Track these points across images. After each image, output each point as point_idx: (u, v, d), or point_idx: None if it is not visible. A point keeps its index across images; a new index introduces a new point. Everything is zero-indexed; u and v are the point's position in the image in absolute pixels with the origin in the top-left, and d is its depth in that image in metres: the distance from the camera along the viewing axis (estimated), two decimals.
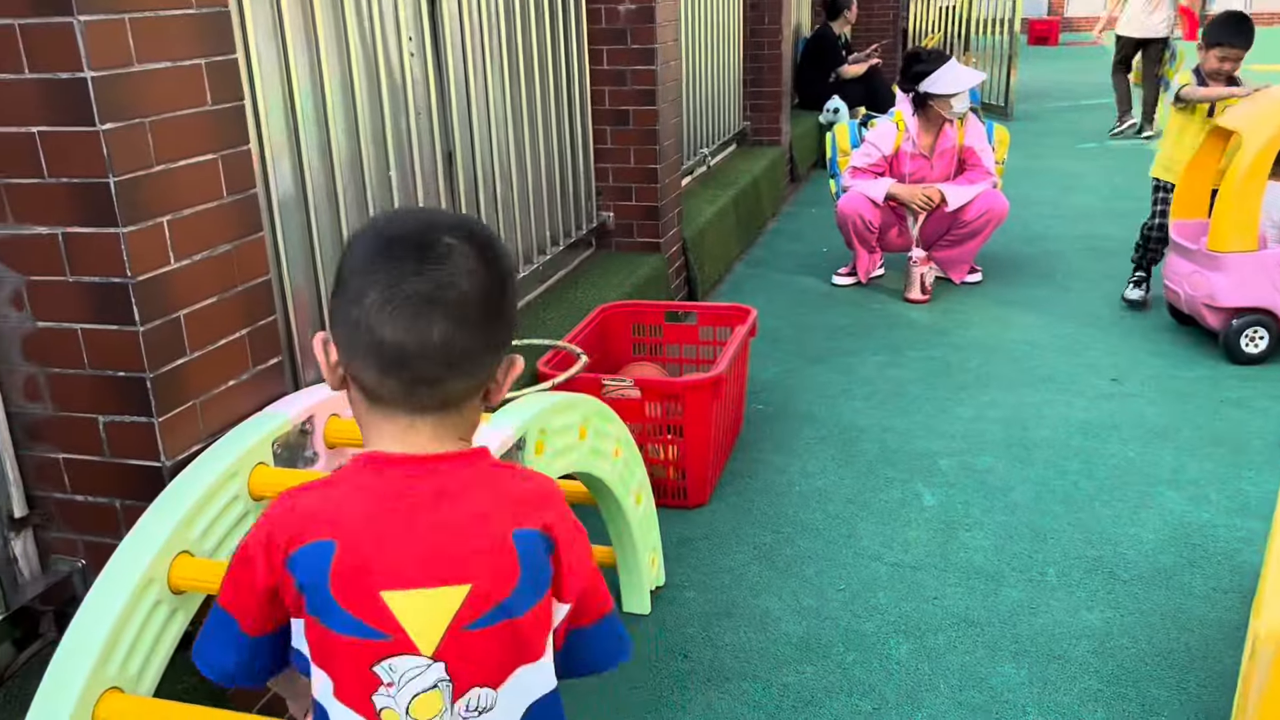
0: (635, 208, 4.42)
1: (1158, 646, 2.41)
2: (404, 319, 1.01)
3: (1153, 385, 3.84)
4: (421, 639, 1.04)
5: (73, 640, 1.53)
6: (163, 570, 1.62)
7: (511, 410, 1.94)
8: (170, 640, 1.65)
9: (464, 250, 1.04)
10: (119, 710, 1.52)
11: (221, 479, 1.71)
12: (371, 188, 2.75)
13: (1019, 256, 5.51)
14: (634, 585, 2.59)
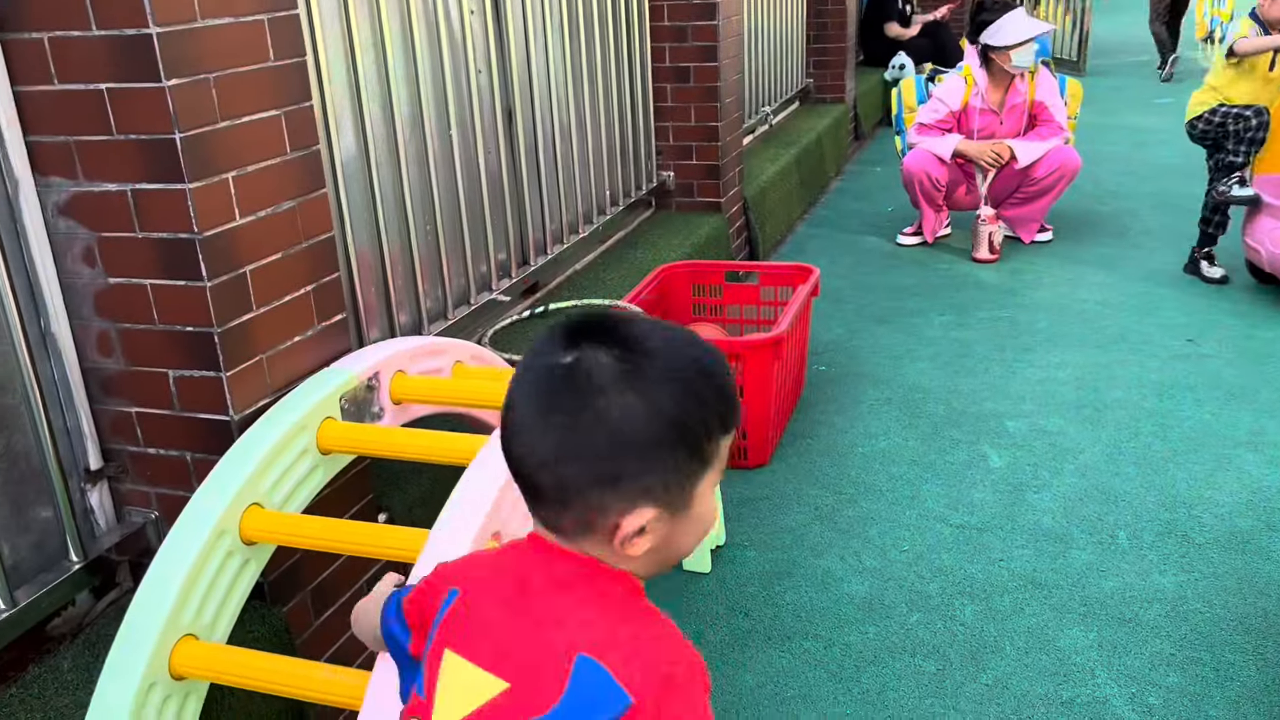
0: (696, 167, 4.37)
1: (1233, 611, 2.34)
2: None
3: (1230, 345, 3.72)
4: (441, 713, 0.96)
5: (149, 589, 1.57)
6: (234, 522, 1.65)
7: None
8: (242, 590, 1.69)
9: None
10: (193, 656, 1.57)
11: (291, 433, 1.74)
12: (433, 146, 2.75)
13: (1091, 214, 5.36)
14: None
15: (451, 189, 2.87)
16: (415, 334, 2.72)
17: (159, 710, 1.54)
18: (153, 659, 1.52)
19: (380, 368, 1.94)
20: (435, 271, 2.82)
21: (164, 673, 1.54)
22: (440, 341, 2.14)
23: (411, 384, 1.99)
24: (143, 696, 1.51)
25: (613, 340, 0.92)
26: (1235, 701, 2.09)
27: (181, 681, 1.57)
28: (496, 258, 3.14)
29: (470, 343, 2.26)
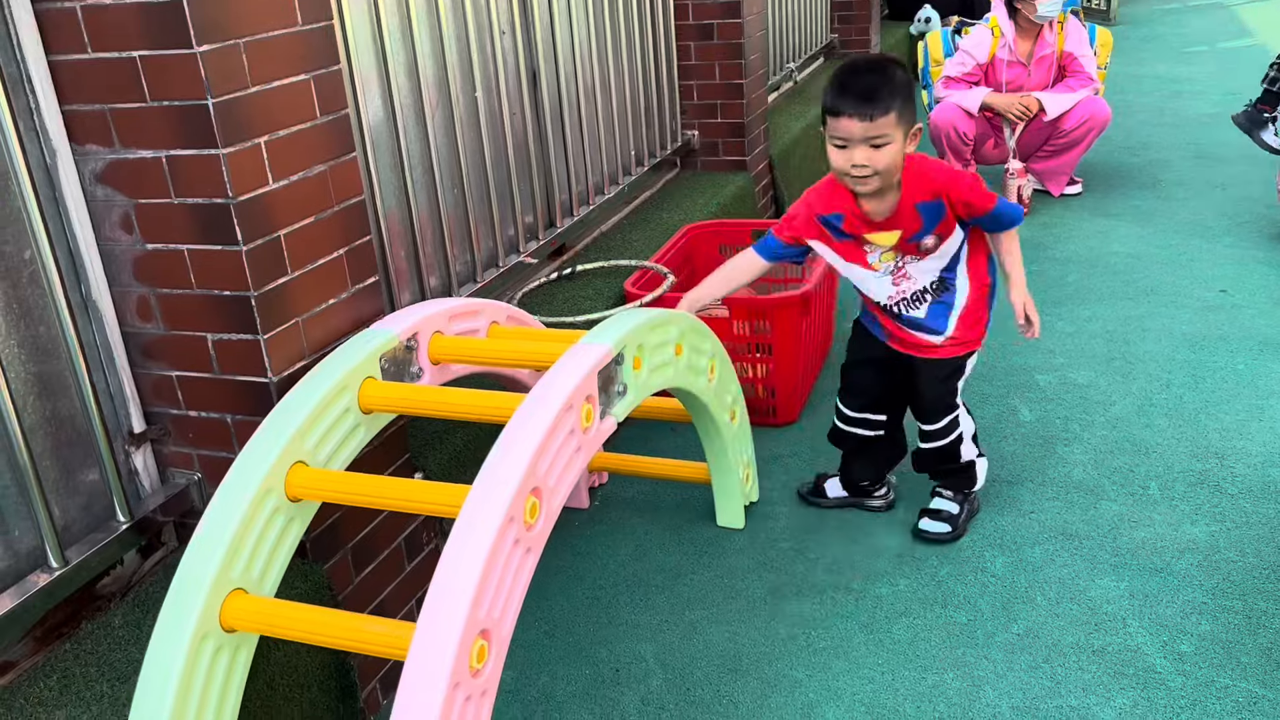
0: (720, 125, 4.35)
1: (1266, 560, 2.34)
2: None
3: (1264, 295, 3.68)
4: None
5: (198, 545, 1.62)
6: (279, 480, 1.69)
7: (609, 325, 1.96)
8: (289, 545, 1.73)
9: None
10: (243, 609, 1.61)
11: (333, 393, 1.78)
12: (458, 109, 2.76)
13: (1122, 166, 5.29)
14: (728, 500, 2.61)
15: (478, 152, 2.88)
16: (446, 296, 2.75)
17: (211, 661, 1.59)
18: (204, 612, 1.57)
19: (419, 328, 1.98)
20: (464, 234, 2.84)
21: (215, 625, 1.59)
22: (476, 302, 2.17)
23: (449, 344, 2.02)
24: (196, 647, 1.56)
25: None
26: (1267, 649, 2.09)
27: (232, 634, 1.62)
28: (524, 220, 3.15)
29: (505, 304, 2.29)
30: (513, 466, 1.58)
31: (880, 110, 2.09)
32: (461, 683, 1.44)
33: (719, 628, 2.30)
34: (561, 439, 1.70)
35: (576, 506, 2.79)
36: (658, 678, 2.16)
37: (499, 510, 1.53)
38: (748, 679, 2.14)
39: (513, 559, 1.56)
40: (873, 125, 2.10)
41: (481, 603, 1.48)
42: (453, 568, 1.49)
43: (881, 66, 2.14)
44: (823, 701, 2.07)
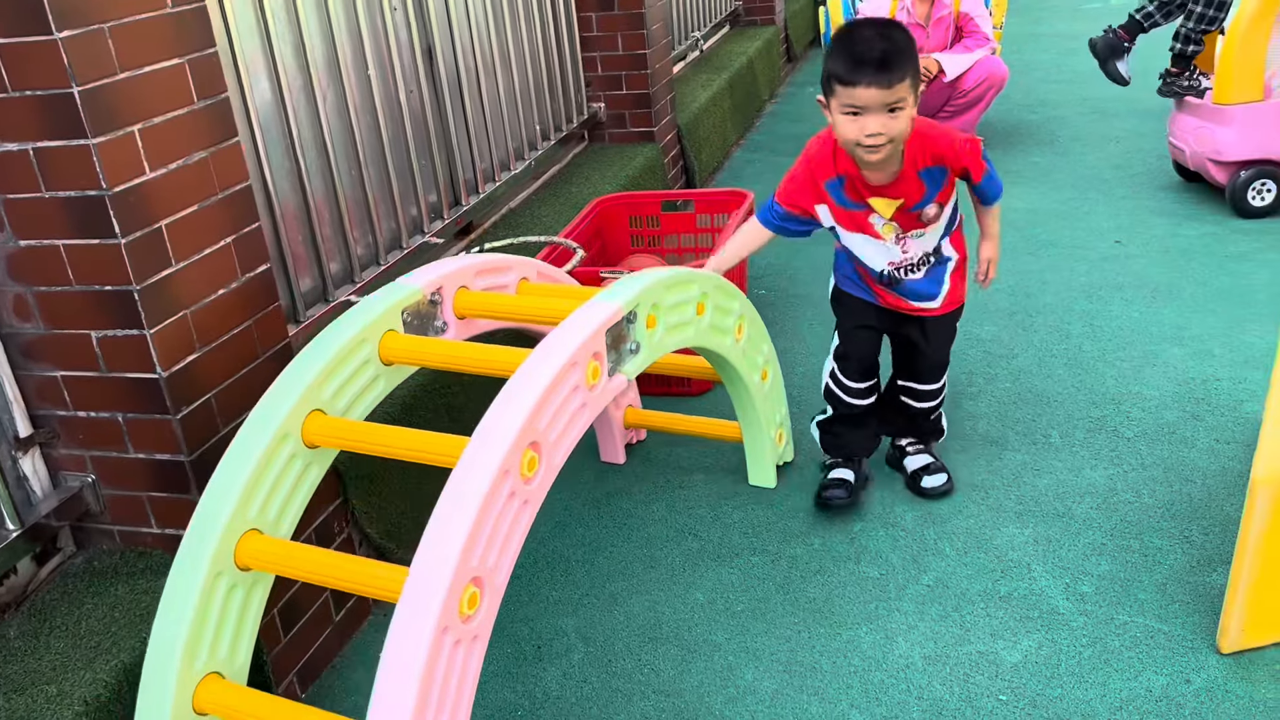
0: (626, 97, 4.34)
1: (1160, 499, 2.43)
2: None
3: (1156, 244, 3.80)
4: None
5: (216, 486, 1.67)
6: (296, 425, 1.74)
7: (623, 283, 1.96)
8: (305, 491, 1.79)
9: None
10: (258, 549, 1.68)
11: (352, 344, 1.83)
12: (351, 89, 2.70)
13: (1021, 123, 5.40)
14: (759, 459, 2.63)
15: (374, 132, 2.83)
16: (347, 282, 2.70)
17: (226, 597, 1.67)
18: (219, 549, 1.64)
19: (444, 282, 2.03)
20: (364, 217, 2.79)
21: (230, 563, 1.66)
22: (505, 259, 2.22)
23: (475, 299, 2.08)
24: (211, 583, 1.64)
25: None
26: (1162, 584, 2.18)
27: (247, 572, 1.70)
28: (427, 200, 3.11)
29: (536, 260, 2.33)
30: (511, 420, 1.61)
31: (898, 76, 2.03)
32: (450, 627, 1.48)
33: (639, 598, 2.31)
34: (564, 395, 1.72)
35: (612, 462, 2.81)
36: (579, 652, 2.17)
37: (494, 461, 1.55)
38: (668, 646, 2.17)
39: (508, 510, 1.59)
40: (891, 92, 2.04)
41: (474, 550, 1.51)
42: (446, 515, 1.52)
43: (889, 30, 2.08)
44: (741, 663, 2.10)
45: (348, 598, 2.24)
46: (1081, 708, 1.91)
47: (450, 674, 1.47)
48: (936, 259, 2.37)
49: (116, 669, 1.68)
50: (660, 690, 2.05)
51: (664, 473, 2.76)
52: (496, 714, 2.04)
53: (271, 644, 1.99)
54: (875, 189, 2.24)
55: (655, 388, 3.12)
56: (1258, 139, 3.79)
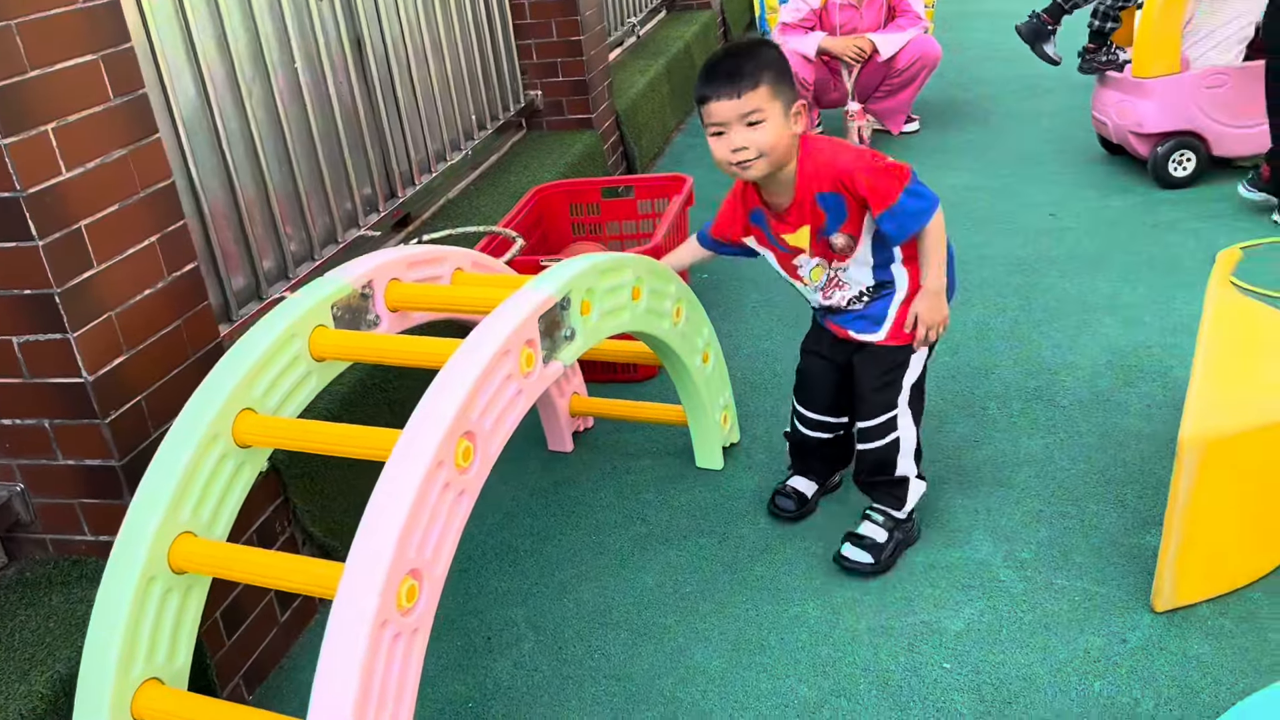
0: (563, 84, 4.32)
1: (1096, 466, 2.49)
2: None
3: (1087, 217, 3.87)
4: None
5: (146, 490, 1.64)
6: (226, 426, 1.71)
7: (555, 270, 1.96)
8: (239, 491, 1.76)
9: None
10: (192, 552, 1.65)
11: (280, 340, 1.80)
12: (278, 82, 2.66)
13: (956, 102, 5.47)
14: (705, 442, 2.63)
15: (304, 125, 2.79)
16: (281, 279, 2.66)
17: (160, 602, 1.64)
18: (151, 554, 1.61)
19: (374, 275, 2.00)
20: (297, 212, 2.75)
21: (164, 567, 1.63)
22: (439, 249, 2.19)
23: (407, 291, 2.04)
24: (144, 588, 1.60)
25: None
26: (1098, 548, 2.23)
27: (182, 575, 1.66)
28: (361, 193, 3.07)
29: (471, 250, 2.31)
30: (443, 410, 1.60)
31: (748, 84, 1.95)
32: (390, 620, 1.47)
33: (588, 584, 2.31)
34: (497, 383, 1.71)
35: (559, 450, 2.79)
36: (529, 641, 2.17)
37: (427, 453, 1.54)
38: (618, 631, 2.17)
39: (444, 501, 1.58)
40: (743, 102, 1.95)
41: (409, 542, 1.50)
42: (380, 508, 1.51)
43: (746, 47, 2.02)
44: (691, 644, 2.11)
45: (293, 597, 2.21)
46: (1023, 671, 1.95)
47: (391, 668, 1.47)
48: (878, 293, 2.18)
49: (52, 680, 1.65)
50: (610, 675, 2.06)
51: (611, 459, 2.76)
52: (448, 706, 2.03)
53: (215, 647, 1.97)
54: (784, 221, 2.14)
55: (601, 374, 3.12)
56: (1176, 111, 3.87)
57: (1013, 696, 1.90)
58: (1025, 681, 1.93)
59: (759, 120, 1.96)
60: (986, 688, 1.92)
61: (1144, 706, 1.85)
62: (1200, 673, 1.90)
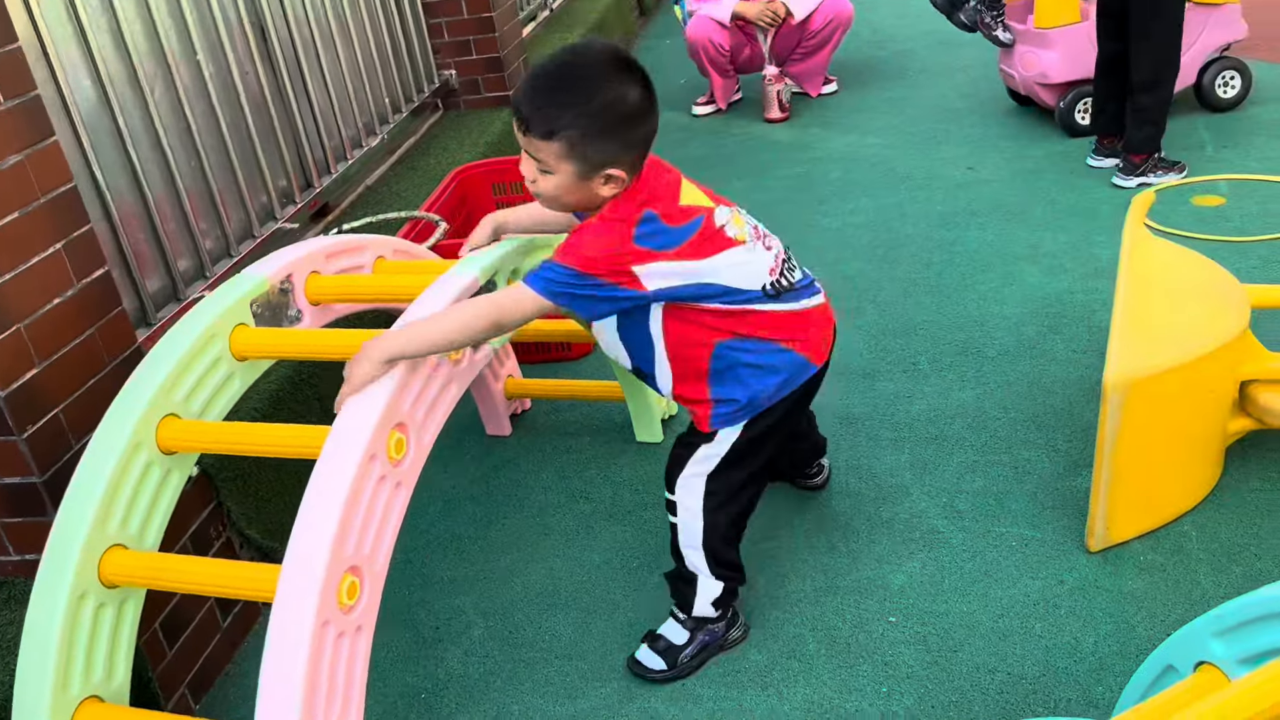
0: (477, 62, 4.25)
1: (1025, 412, 2.54)
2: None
3: (1005, 168, 3.94)
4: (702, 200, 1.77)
5: (70, 504, 1.59)
6: (149, 434, 1.66)
7: (478, 255, 1.93)
8: (168, 499, 1.72)
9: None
10: (123, 564, 1.60)
11: (200, 342, 1.75)
12: (180, 75, 2.57)
13: (871, 60, 5.50)
14: (643, 417, 2.62)
15: (211, 118, 2.70)
16: (199, 279, 2.59)
17: (94, 617, 1.59)
18: (80, 569, 1.56)
19: (292, 269, 1.94)
20: (210, 209, 2.67)
21: (94, 582, 1.59)
22: (358, 238, 2.14)
23: (328, 284, 2.00)
24: (75, 604, 1.55)
25: None
26: (1033, 493, 2.28)
27: (115, 589, 1.62)
28: (276, 185, 2.99)
29: (392, 238, 2.26)
30: (372, 403, 1.57)
31: (538, 131, 1.58)
32: (331, 620, 1.45)
33: (536, 566, 2.31)
34: (427, 373, 1.68)
35: (498, 434, 2.76)
36: (479, 628, 2.16)
37: (358, 447, 1.52)
38: (568, 610, 2.17)
39: (380, 495, 1.55)
40: (527, 142, 1.61)
41: (346, 539, 1.48)
42: (314, 506, 1.48)
43: (581, 73, 1.57)
44: (642, 618, 2.12)
45: (234, 603, 2.17)
46: (965, 620, 1.99)
47: (337, 667, 1.45)
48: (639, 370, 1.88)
49: None
50: (563, 655, 2.06)
51: (551, 439, 2.75)
52: (400, 700, 2.01)
53: (157, 659, 1.92)
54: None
55: (535, 355, 3.10)
56: (1079, 60, 3.94)
57: (957, 645, 1.94)
58: (969, 629, 1.97)
59: (545, 170, 1.64)
60: (932, 638, 1.96)
61: (1084, 645, 1.90)
62: (1135, 607, 1.96)
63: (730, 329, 1.74)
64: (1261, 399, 2.16)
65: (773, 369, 1.77)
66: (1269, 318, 2.70)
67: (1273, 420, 2.16)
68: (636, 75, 1.61)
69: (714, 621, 1.97)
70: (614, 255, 1.62)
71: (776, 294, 1.75)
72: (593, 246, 1.63)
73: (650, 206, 1.64)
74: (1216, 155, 3.74)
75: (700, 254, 1.66)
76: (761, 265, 1.74)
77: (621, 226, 1.63)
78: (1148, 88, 3.47)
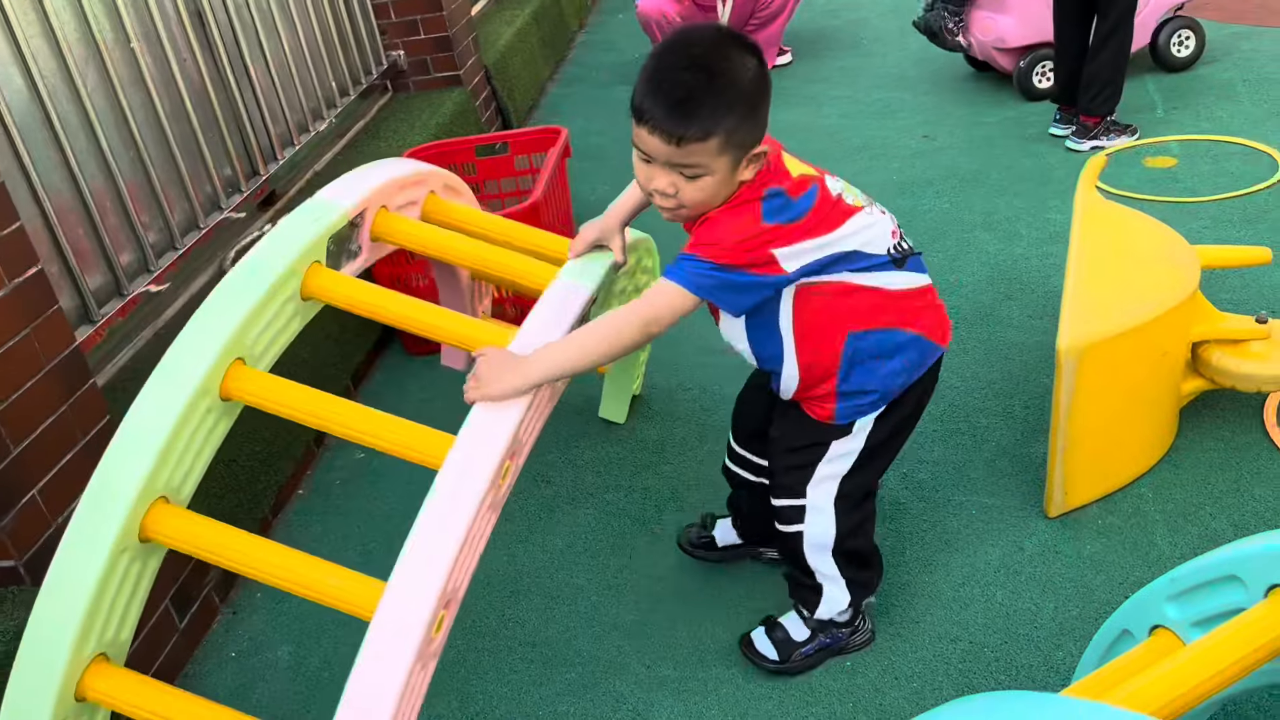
0: (425, 42, 4.18)
1: (984, 380, 2.54)
2: None
3: (961, 135, 3.93)
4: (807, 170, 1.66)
5: (124, 449, 1.49)
6: (217, 379, 1.56)
7: (583, 264, 1.84)
8: (213, 447, 1.61)
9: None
10: (164, 521, 1.51)
11: (283, 278, 1.64)
12: (115, 65, 2.49)
13: (825, 30, 5.48)
14: (618, 396, 2.60)
15: (149, 109, 2.63)
16: (143, 273, 2.53)
17: (125, 572, 1.51)
18: (126, 524, 1.47)
19: (369, 203, 1.82)
20: (151, 201, 2.61)
21: (134, 538, 1.50)
22: (422, 169, 2.02)
23: (398, 226, 1.89)
24: (114, 559, 1.47)
25: None
26: (991, 461, 2.29)
27: (146, 544, 1.53)
28: (221, 174, 2.93)
29: (447, 171, 2.14)
30: (501, 432, 1.49)
31: (695, 134, 1.46)
32: (421, 654, 1.40)
33: (497, 553, 2.29)
34: (542, 393, 1.61)
35: (453, 367, 2.64)
36: None
37: (484, 480, 1.45)
38: (530, 596, 2.15)
39: (482, 523, 1.50)
40: (681, 152, 1.48)
41: (455, 574, 1.42)
42: (433, 536, 1.42)
43: (716, 63, 1.47)
44: (605, 601, 2.11)
45: (190, 603, 2.13)
46: (927, 590, 1.99)
47: (412, 693, 1.40)
48: (765, 361, 1.78)
49: None
50: (526, 641, 2.04)
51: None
52: None
53: None
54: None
55: None
56: (1035, 23, 3.94)
57: (919, 615, 1.94)
58: (931, 599, 1.97)
59: (697, 175, 1.52)
60: (895, 609, 1.97)
61: (1045, 610, 1.91)
62: (1094, 571, 1.97)
63: (861, 314, 1.64)
64: (1213, 359, 2.18)
65: (902, 354, 1.68)
66: (1219, 278, 2.73)
67: (1224, 380, 2.18)
68: (751, 48, 1.53)
69: (843, 627, 1.87)
70: (752, 239, 1.54)
71: (901, 259, 1.67)
72: (730, 234, 1.54)
73: (772, 183, 1.56)
74: (1167, 117, 3.75)
75: (829, 226, 1.58)
76: (884, 229, 1.66)
77: (749, 208, 1.55)
78: (1105, 50, 3.47)
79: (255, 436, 2.45)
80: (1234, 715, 1.67)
